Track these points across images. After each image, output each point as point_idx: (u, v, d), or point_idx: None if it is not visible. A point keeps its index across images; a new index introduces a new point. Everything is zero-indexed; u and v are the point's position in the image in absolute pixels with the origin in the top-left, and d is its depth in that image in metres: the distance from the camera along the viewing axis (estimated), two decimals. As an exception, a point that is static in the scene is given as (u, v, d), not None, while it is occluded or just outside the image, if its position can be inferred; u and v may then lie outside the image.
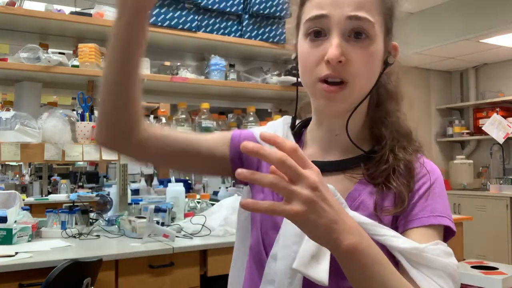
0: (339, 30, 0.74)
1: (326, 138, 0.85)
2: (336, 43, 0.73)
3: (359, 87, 0.77)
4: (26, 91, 2.47)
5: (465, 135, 5.94)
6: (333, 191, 0.73)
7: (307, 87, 0.80)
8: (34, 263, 1.86)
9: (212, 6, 2.74)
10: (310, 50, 0.77)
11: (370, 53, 0.76)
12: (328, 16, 0.74)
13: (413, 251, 0.72)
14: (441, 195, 0.80)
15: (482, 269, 2.98)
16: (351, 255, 0.62)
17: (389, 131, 0.83)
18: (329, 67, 0.74)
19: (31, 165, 5.88)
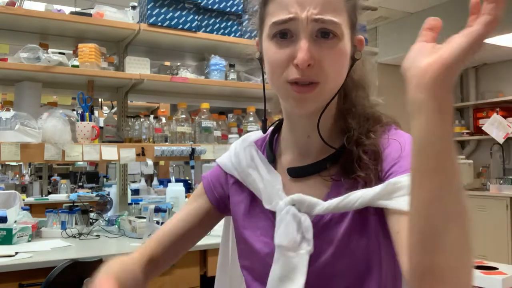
0: (307, 32, 0.73)
1: (300, 142, 0.84)
2: (304, 47, 0.72)
3: (329, 87, 0.76)
4: (26, 91, 2.47)
5: (465, 135, 5.94)
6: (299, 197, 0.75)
7: (277, 89, 0.79)
8: (34, 263, 1.86)
9: (212, 6, 2.74)
10: (277, 52, 0.75)
11: (338, 52, 0.75)
12: (295, 19, 0.73)
13: (387, 187, 0.69)
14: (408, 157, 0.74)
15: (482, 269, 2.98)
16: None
17: (356, 121, 0.81)
18: (298, 70, 0.73)
19: (31, 165, 5.88)
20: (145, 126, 2.66)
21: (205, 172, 0.99)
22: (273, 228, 0.80)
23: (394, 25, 5.22)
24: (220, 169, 0.95)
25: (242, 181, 0.89)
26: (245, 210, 0.88)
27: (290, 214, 0.75)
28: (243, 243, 0.88)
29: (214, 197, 0.93)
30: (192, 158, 2.63)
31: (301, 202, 0.76)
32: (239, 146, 0.93)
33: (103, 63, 2.57)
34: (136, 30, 2.57)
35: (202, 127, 2.75)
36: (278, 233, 0.76)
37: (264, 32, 0.80)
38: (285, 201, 0.77)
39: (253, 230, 0.85)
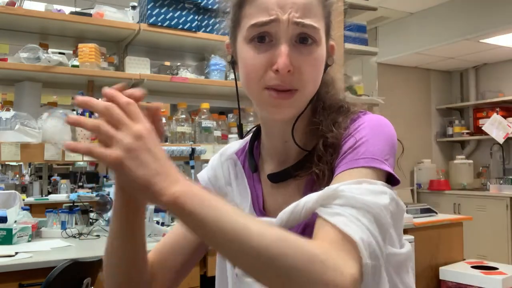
0: (287, 36, 0.72)
1: (278, 148, 0.83)
2: (285, 52, 0.71)
3: (307, 93, 0.75)
4: (26, 91, 2.47)
5: (465, 135, 5.94)
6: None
7: (253, 95, 0.76)
8: (34, 263, 1.86)
9: (212, 6, 2.74)
10: (255, 56, 0.73)
11: (316, 58, 0.74)
12: (276, 21, 0.71)
13: (326, 192, 0.65)
14: (368, 144, 0.72)
15: (482, 269, 2.98)
16: (176, 204, 0.57)
17: (325, 115, 0.80)
18: (278, 76, 0.71)
19: (31, 165, 5.88)
20: (145, 126, 2.66)
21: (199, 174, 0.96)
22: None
23: (394, 25, 5.22)
24: (200, 180, 0.94)
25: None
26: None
27: None
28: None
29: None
30: (192, 158, 2.63)
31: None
32: (216, 161, 0.92)
33: (103, 63, 2.57)
34: (136, 30, 2.57)
35: (202, 127, 2.75)
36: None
37: (239, 35, 0.77)
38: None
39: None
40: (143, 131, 0.58)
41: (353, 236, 0.60)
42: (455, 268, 3.02)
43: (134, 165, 0.56)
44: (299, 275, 0.56)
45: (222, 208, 0.58)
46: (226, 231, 0.57)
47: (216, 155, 0.94)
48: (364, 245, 0.60)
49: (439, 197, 5.46)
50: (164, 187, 0.57)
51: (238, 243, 0.56)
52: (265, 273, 0.57)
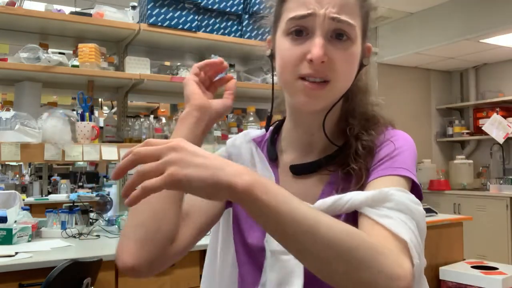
0: (323, 30, 0.75)
1: (304, 140, 0.85)
2: (320, 43, 0.73)
3: (339, 87, 0.78)
4: (26, 91, 2.47)
5: (465, 135, 5.94)
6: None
7: (286, 85, 0.80)
8: (34, 263, 1.86)
9: (212, 6, 2.74)
10: (291, 47, 0.76)
11: (350, 54, 0.77)
12: (313, 15, 0.74)
13: (377, 194, 0.69)
14: (404, 156, 0.78)
15: (482, 269, 2.98)
16: (251, 194, 0.57)
17: (357, 121, 0.83)
18: (311, 66, 0.74)
19: (31, 165, 5.88)
20: (145, 126, 2.66)
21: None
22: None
23: (394, 25, 5.21)
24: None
25: None
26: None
27: None
28: (238, 236, 0.88)
29: None
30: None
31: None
32: (240, 139, 0.93)
33: (103, 63, 2.57)
34: (136, 30, 2.57)
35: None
36: (270, 239, 0.75)
37: (279, 29, 0.80)
38: None
39: (250, 224, 0.85)
40: (176, 142, 0.58)
41: (404, 237, 0.65)
42: (455, 268, 3.02)
43: (192, 172, 0.56)
44: (368, 266, 0.59)
45: (292, 199, 0.59)
46: (299, 223, 0.58)
47: (239, 135, 0.95)
48: (414, 246, 0.65)
49: (439, 197, 5.46)
50: (232, 180, 0.56)
51: (310, 234, 0.58)
52: (334, 265, 0.59)
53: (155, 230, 0.74)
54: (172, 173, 0.55)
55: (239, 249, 0.87)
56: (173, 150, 0.57)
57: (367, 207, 0.69)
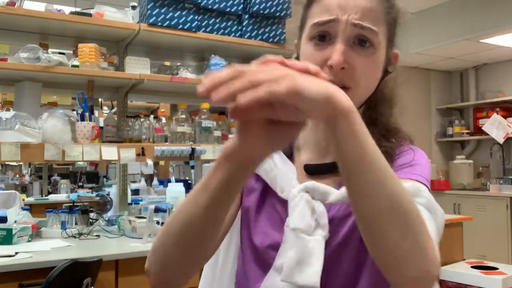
0: (344, 36, 0.75)
1: (322, 142, 0.85)
2: (340, 49, 0.73)
3: (360, 94, 0.78)
4: (26, 91, 2.47)
5: (465, 135, 5.94)
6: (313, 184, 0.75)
7: None
8: (34, 263, 1.86)
9: (212, 6, 2.74)
10: (313, 53, 0.77)
11: (372, 61, 0.77)
12: (335, 21, 0.75)
13: (411, 186, 0.72)
14: (422, 167, 0.80)
15: (482, 269, 2.98)
16: (350, 116, 0.57)
17: (378, 129, 0.83)
18: (331, 72, 0.74)
19: (31, 165, 5.88)
20: (145, 126, 2.66)
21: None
22: (279, 221, 0.81)
23: (394, 25, 5.21)
24: None
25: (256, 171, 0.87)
26: (257, 201, 0.87)
27: (303, 200, 0.75)
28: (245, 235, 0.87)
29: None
30: (192, 158, 2.63)
31: (314, 190, 0.76)
32: None
33: (103, 63, 2.57)
34: (136, 30, 2.57)
35: (202, 127, 2.75)
36: (293, 217, 0.74)
37: (304, 33, 0.81)
38: (298, 188, 0.77)
39: (259, 222, 0.85)
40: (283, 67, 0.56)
41: (432, 235, 0.65)
42: (455, 268, 3.02)
43: (310, 84, 0.54)
44: (416, 234, 0.60)
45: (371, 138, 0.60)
46: (378, 161, 0.59)
47: None
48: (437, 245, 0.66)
49: (439, 197, 5.44)
50: (341, 97, 0.56)
51: (382, 179, 0.59)
52: (387, 216, 0.59)
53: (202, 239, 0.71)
54: (294, 83, 0.53)
55: (245, 246, 0.87)
56: (281, 68, 0.56)
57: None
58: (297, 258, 0.71)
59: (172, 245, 0.71)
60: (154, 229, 2.27)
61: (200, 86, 0.53)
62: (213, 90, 0.52)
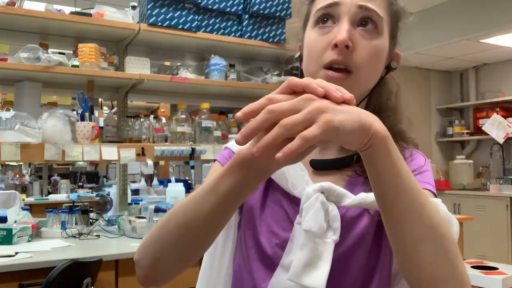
0: (349, 17, 0.75)
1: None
2: (345, 28, 0.74)
3: (362, 79, 0.77)
4: (26, 91, 2.47)
5: (465, 135, 5.94)
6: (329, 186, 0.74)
7: (310, 75, 0.78)
8: (34, 263, 1.86)
9: (212, 6, 2.74)
10: (318, 38, 0.78)
11: (376, 45, 0.77)
12: (339, 3, 0.76)
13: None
14: (429, 174, 0.83)
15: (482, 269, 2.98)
16: (386, 142, 0.58)
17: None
18: (335, 51, 0.75)
19: (31, 165, 5.88)
20: (145, 126, 2.66)
21: (218, 156, 0.91)
22: (285, 218, 0.81)
23: (394, 25, 5.21)
24: (229, 149, 0.90)
25: None
26: (260, 199, 0.85)
27: (319, 202, 0.74)
28: (249, 235, 0.85)
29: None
30: (192, 158, 2.63)
31: (330, 191, 0.75)
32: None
33: (103, 63, 2.57)
34: (136, 30, 2.57)
35: (202, 127, 2.75)
36: (306, 218, 0.73)
37: (308, 25, 0.81)
38: (314, 188, 0.75)
39: (264, 221, 0.84)
40: (308, 94, 0.56)
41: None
42: (455, 268, 3.01)
43: (343, 117, 0.54)
44: (450, 259, 0.61)
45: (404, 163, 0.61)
46: (414, 183, 0.61)
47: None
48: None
49: (439, 197, 5.45)
50: (375, 124, 0.57)
51: (419, 205, 0.60)
52: (427, 244, 0.60)
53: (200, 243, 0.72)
54: (327, 121, 0.53)
55: (249, 245, 0.85)
56: (312, 100, 0.55)
57: None
58: (305, 260, 0.71)
59: (167, 242, 0.71)
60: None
61: (237, 135, 0.55)
62: (247, 138, 0.55)
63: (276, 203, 0.84)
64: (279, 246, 0.80)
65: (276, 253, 0.80)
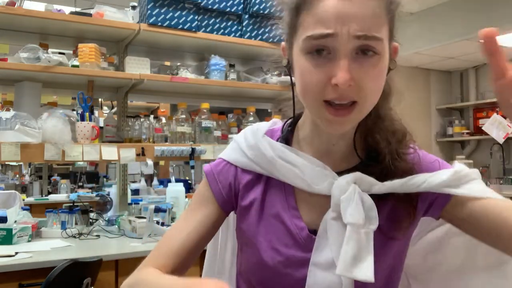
0: (347, 50, 0.68)
1: (323, 147, 0.82)
2: (345, 67, 0.67)
3: (367, 107, 0.73)
4: (26, 91, 2.47)
5: (465, 135, 5.94)
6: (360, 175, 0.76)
7: (309, 108, 0.75)
8: (34, 263, 1.86)
9: (212, 6, 2.74)
10: (312, 70, 0.70)
11: (378, 70, 0.71)
12: (334, 35, 0.67)
13: (454, 175, 0.75)
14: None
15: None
16: None
17: (384, 135, 0.80)
18: (336, 90, 0.68)
19: (31, 165, 5.88)
20: (145, 126, 2.66)
21: (206, 167, 0.89)
22: (285, 233, 0.79)
23: (394, 25, 5.21)
24: (229, 166, 0.86)
25: (268, 173, 0.82)
26: (256, 213, 0.83)
27: (357, 193, 0.74)
28: (250, 252, 0.83)
29: (222, 198, 0.84)
30: (192, 158, 2.63)
31: (362, 180, 0.76)
32: (252, 137, 0.85)
33: (103, 63, 2.57)
34: (136, 30, 2.57)
35: (202, 127, 2.75)
36: (349, 212, 0.73)
37: (295, 43, 0.74)
38: (347, 179, 0.75)
39: (263, 236, 0.81)
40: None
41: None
42: (455, 268, 3.01)
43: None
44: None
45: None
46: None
47: (247, 133, 0.86)
48: None
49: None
50: None
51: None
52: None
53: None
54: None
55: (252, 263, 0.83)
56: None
57: (448, 188, 0.74)
58: (353, 253, 0.71)
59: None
60: (154, 229, 2.27)
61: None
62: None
63: (275, 218, 0.81)
64: (283, 264, 0.78)
65: (279, 271, 0.79)
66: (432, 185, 0.74)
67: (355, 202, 0.73)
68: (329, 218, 0.76)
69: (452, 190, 0.74)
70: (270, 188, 0.83)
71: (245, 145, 0.85)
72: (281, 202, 0.82)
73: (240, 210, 0.85)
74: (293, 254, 0.78)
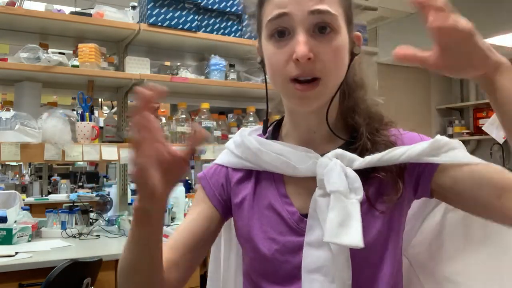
0: (304, 26, 0.73)
1: (305, 137, 0.83)
2: (303, 41, 0.71)
3: (331, 82, 0.76)
4: (26, 91, 2.47)
5: (465, 135, 5.94)
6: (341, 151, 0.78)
7: (279, 88, 0.79)
8: (34, 263, 1.86)
9: (212, 6, 2.74)
10: (276, 51, 0.75)
11: (337, 46, 0.74)
12: (289, 14, 0.73)
13: (434, 144, 0.76)
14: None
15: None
16: (507, 71, 0.67)
17: (362, 118, 0.83)
18: (298, 65, 0.72)
19: (31, 165, 5.89)
20: (145, 126, 2.66)
21: (199, 173, 0.93)
22: (280, 221, 0.81)
23: (394, 25, 5.21)
24: (220, 168, 0.90)
25: (257, 167, 0.85)
26: (249, 207, 0.85)
27: (338, 165, 0.76)
28: (249, 248, 0.84)
29: (216, 199, 0.88)
30: (192, 158, 2.63)
31: (343, 156, 0.77)
32: (239, 137, 0.89)
33: (103, 63, 2.57)
34: (136, 30, 2.57)
35: (202, 127, 2.74)
36: (332, 180, 0.75)
37: (262, 34, 0.80)
38: (328, 155, 0.78)
39: (258, 228, 0.83)
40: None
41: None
42: (455, 268, 3.02)
43: (478, 38, 0.66)
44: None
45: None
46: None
47: (235, 136, 0.90)
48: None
49: (439, 197, 5.47)
50: (498, 58, 0.67)
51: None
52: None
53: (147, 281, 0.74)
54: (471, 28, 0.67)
55: (252, 258, 0.84)
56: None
57: (428, 157, 0.75)
58: (338, 220, 0.72)
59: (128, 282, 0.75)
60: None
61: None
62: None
63: (268, 208, 0.83)
64: (280, 251, 0.80)
65: (278, 259, 0.80)
66: (412, 156, 0.75)
67: (336, 172, 0.75)
68: (316, 196, 0.77)
69: (435, 158, 0.76)
70: (260, 182, 0.85)
71: (233, 146, 0.89)
72: (272, 192, 0.84)
73: (235, 208, 0.87)
74: (288, 240, 0.79)
